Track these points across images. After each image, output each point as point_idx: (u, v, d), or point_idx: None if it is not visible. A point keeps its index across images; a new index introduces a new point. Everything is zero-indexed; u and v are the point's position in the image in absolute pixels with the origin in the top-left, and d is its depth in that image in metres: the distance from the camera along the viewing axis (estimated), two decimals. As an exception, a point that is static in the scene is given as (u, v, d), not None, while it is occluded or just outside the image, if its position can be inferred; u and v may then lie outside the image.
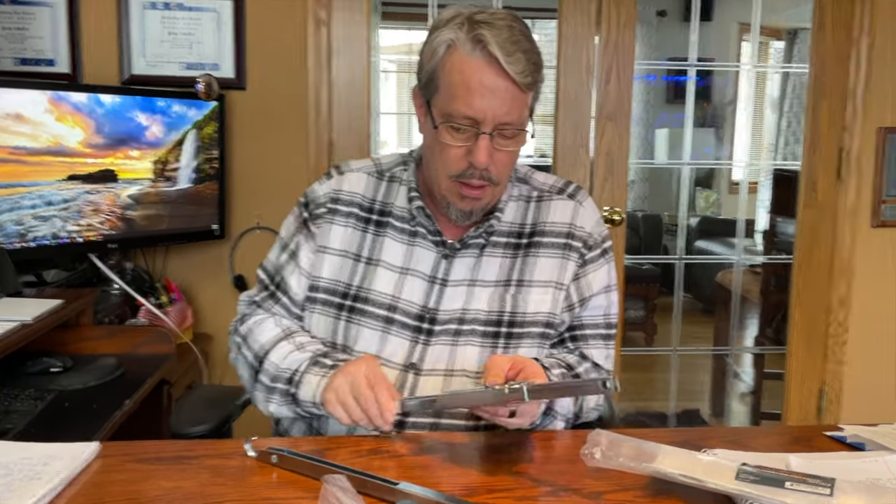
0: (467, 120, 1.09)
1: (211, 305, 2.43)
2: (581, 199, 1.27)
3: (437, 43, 1.10)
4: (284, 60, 2.35)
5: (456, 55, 1.08)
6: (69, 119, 1.95)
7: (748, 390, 3.34)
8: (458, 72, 1.08)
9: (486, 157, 1.10)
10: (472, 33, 1.07)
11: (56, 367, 1.72)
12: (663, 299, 4.34)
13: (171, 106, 2.17)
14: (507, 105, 1.08)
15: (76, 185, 1.98)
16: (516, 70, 1.06)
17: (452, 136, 1.11)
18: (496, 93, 1.07)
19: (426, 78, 1.14)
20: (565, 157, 2.48)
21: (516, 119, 1.10)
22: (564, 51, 2.43)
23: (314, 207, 1.26)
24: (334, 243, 1.24)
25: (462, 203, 1.16)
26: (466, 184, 1.13)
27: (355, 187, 1.27)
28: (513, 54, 1.06)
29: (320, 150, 2.37)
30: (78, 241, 2.01)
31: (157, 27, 2.30)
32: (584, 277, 1.24)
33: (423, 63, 1.14)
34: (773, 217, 3.41)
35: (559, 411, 1.16)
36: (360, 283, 1.21)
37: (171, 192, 2.21)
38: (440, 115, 1.12)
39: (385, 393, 1.02)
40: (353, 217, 1.25)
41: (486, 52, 1.06)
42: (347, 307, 1.21)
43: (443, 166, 1.14)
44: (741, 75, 6.02)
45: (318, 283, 1.23)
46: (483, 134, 1.09)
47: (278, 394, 1.15)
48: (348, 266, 1.22)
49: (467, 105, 1.08)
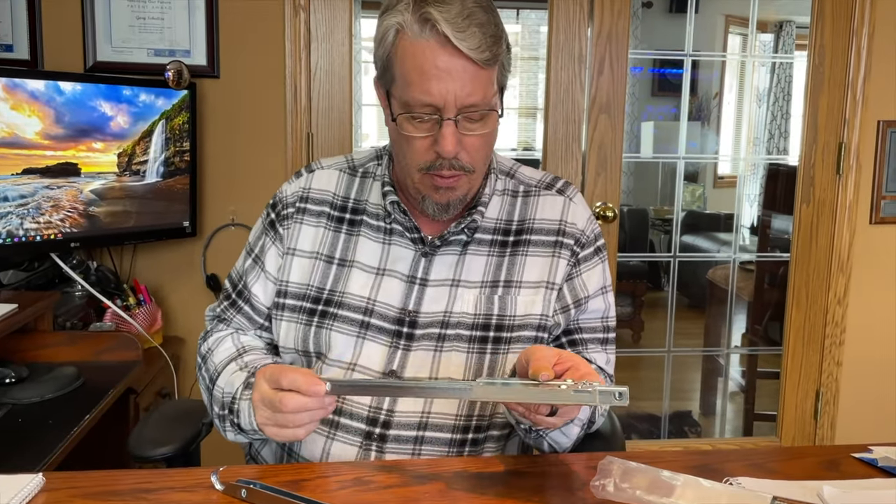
0: (427, 108, 0.99)
1: (182, 307, 2.30)
2: (571, 194, 1.18)
3: (385, 28, 1.00)
4: (260, 47, 2.22)
5: (405, 40, 0.98)
6: (25, 108, 1.80)
7: (740, 390, 3.27)
8: (409, 57, 0.98)
9: (454, 146, 1.00)
10: (419, 13, 0.97)
11: (10, 378, 1.58)
12: (650, 295, 4.27)
13: (139, 95, 2.03)
14: (469, 86, 0.98)
15: (34, 180, 1.84)
16: (471, 46, 0.96)
17: (415, 126, 1.02)
18: (453, 74, 0.97)
19: (381, 67, 1.04)
20: (556, 150, 2.38)
21: (480, 100, 1.00)
22: (556, 40, 2.33)
23: (282, 208, 1.17)
24: (304, 245, 1.14)
25: (437, 195, 1.06)
26: (438, 175, 1.03)
27: (326, 185, 1.17)
28: (465, 30, 0.96)
29: (298, 142, 2.25)
30: (36, 239, 1.86)
31: (125, 11, 2.16)
32: (579, 277, 1.14)
33: (375, 51, 1.04)
34: (766, 213, 3.33)
35: (580, 416, 1.05)
36: (332, 286, 1.12)
37: (139, 186, 2.07)
38: (399, 106, 1.02)
39: (292, 377, 0.92)
40: (325, 217, 1.16)
41: (436, 32, 0.96)
42: (319, 312, 1.11)
43: (411, 159, 1.04)
44: (728, 68, 5.96)
45: (287, 287, 1.14)
46: (447, 120, 0.99)
47: (228, 422, 1.05)
48: (320, 268, 1.13)
49: (424, 91, 0.98)
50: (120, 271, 2.23)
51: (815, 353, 2.54)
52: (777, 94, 5.82)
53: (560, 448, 1.08)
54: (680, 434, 2.88)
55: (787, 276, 2.56)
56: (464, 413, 1.09)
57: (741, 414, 3.19)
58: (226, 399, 1.05)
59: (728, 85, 5.93)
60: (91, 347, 1.78)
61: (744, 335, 3.48)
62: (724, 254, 3.67)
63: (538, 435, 1.03)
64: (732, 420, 3.21)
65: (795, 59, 5.93)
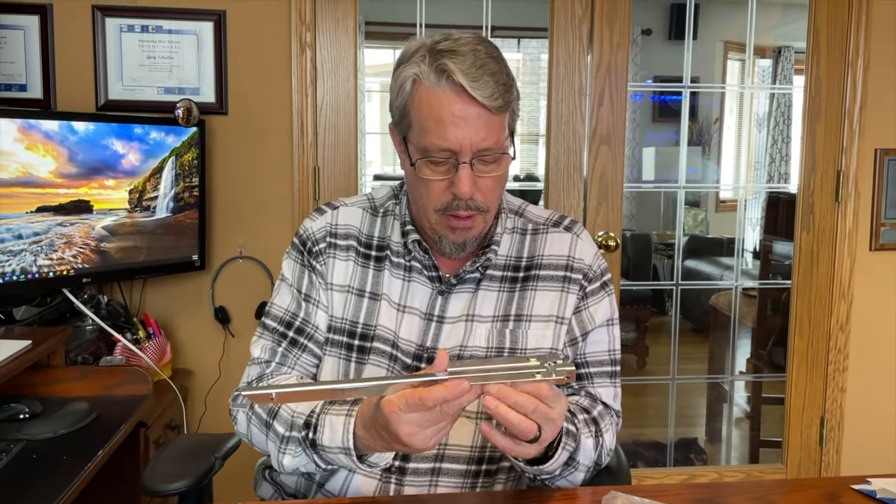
0: (444, 152, 1.04)
1: (191, 339, 2.33)
2: (578, 231, 1.23)
3: (403, 79, 1.06)
4: (267, 84, 2.27)
5: (422, 89, 1.04)
6: (40, 148, 1.85)
7: (745, 416, 3.27)
8: (426, 106, 1.04)
9: (469, 187, 1.05)
10: (435, 64, 1.02)
11: (24, 414, 1.61)
12: (654, 320, 4.29)
13: (149, 132, 2.08)
14: (483, 131, 1.04)
15: (47, 217, 1.88)
16: (484, 95, 1.02)
17: (432, 170, 1.07)
18: (468, 121, 1.03)
19: (398, 115, 1.09)
20: (557, 180, 2.42)
21: (494, 143, 1.05)
22: (556, 73, 2.37)
23: (312, 244, 1.20)
24: (338, 279, 1.18)
25: (454, 235, 1.11)
26: (454, 215, 1.08)
27: (352, 220, 1.21)
28: (479, 79, 1.01)
29: (305, 175, 2.29)
30: (49, 276, 1.90)
31: (135, 50, 2.21)
32: (587, 310, 1.19)
33: (393, 100, 1.10)
34: (768, 238, 3.36)
35: (581, 461, 1.07)
36: (366, 319, 1.16)
37: (149, 222, 2.11)
38: (417, 151, 1.07)
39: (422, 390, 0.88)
40: (353, 251, 1.19)
41: (452, 82, 1.02)
42: (357, 347, 1.15)
43: (427, 201, 1.09)
44: (727, 93, 6.02)
45: (331, 322, 1.17)
46: (462, 164, 1.04)
47: (294, 443, 1.04)
48: (352, 302, 1.17)
49: (441, 137, 1.03)
50: (130, 305, 2.26)
51: (818, 379, 2.55)
52: (777, 118, 5.87)
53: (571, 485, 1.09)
54: (686, 462, 2.89)
55: (789, 302, 2.59)
56: (478, 445, 1.12)
57: (747, 441, 3.19)
58: (297, 419, 1.04)
59: (728, 109, 5.98)
60: (103, 382, 1.80)
61: (748, 360, 3.49)
62: (727, 280, 3.69)
63: (543, 483, 1.06)
64: (738, 447, 3.21)
65: (794, 90, 5.97)
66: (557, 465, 1.01)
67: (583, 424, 1.08)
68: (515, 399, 0.87)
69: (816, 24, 2.43)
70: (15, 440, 1.51)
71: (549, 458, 0.99)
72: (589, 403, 1.16)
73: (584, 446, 1.05)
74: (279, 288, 1.22)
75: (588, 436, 1.08)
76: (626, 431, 3.11)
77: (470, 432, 1.12)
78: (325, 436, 1.00)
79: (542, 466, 0.99)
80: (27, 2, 2.15)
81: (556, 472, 1.03)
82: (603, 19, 2.36)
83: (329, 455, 1.01)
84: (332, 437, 1.00)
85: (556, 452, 0.99)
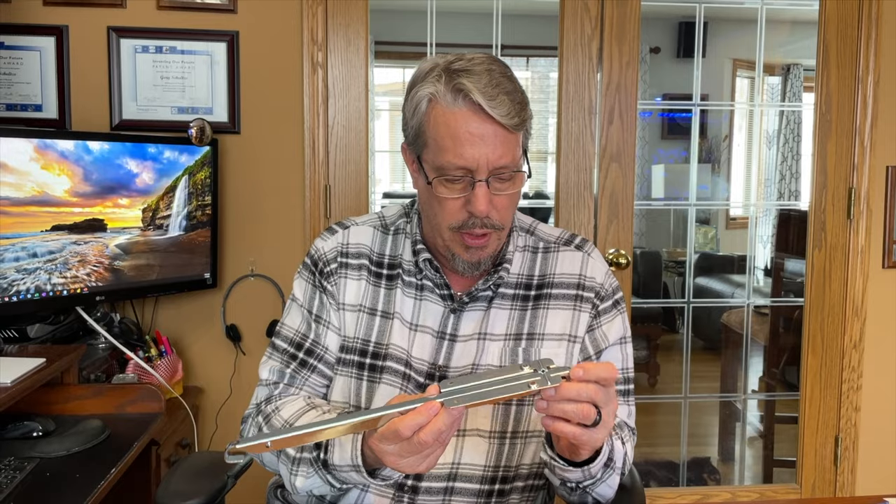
0: (460, 170, 1.05)
1: (202, 357, 2.33)
2: (589, 250, 1.23)
3: (418, 98, 1.07)
4: (279, 103, 2.29)
5: (438, 108, 1.05)
6: (55, 167, 1.87)
7: (758, 435, 3.24)
8: (443, 124, 1.04)
9: (486, 205, 1.06)
10: (452, 84, 1.03)
11: (37, 432, 1.62)
12: (665, 337, 4.26)
13: (163, 152, 2.10)
14: (499, 149, 1.04)
15: (62, 236, 1.90)
16: (501, 113, 1.02)
17: (448, 188, 1.07)
18: (485, 139, 1.03)
19: (413, 134, 1.10)
20: (568, 198, 2.42)
21: (510, 161, 1.06)
22: (566, 91, 2.39)
23: (323, 265, 1.20)
24: (349, 299, 1.18)
25: (468, 254, 1.11)
26: (469, 234, 1.08)
27: (363, 239, 1.21)
28: (495, 97, 1.02)
29: (316, 194, 2.30)
30: (63, 294, 1.91)
31: (149, 71, 2.24)
32: (599, 328, 1.18)
33: (408, 119, 1.10)
34: (780, 255, 3.35)
35: (618, 463, 1.05)
36: (378, 338, 1.15)
37: (162, 240, 2.12)
38: (432, 170, 1.07)
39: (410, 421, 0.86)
40: (365, 270, 1.19)
41: (469, 101, 1.03)
42: (368, 366, 1.14)
43: (442, 219, 1.09)
44: (736, 111, 6.03)
45: (343, 342, 1.17)
46: (479, 182, 1.05)
47: (305, 464, 1.04)
48: (364, 321, 1.17)
49: (458, 156, 1.04)
50: (142, 323, 2.27)
51: (832, 398, 2.53)
52: (787, 135, 5.86)
53: (604, 500, 1.08)
54: (699, 481, 2.86)
55: (801, 321, 2.57)
56: (491, 464, 1.11)
57: (760, 460, 3.16)
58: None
59: (738, 126, 5.98)
60: (115, 400, 1.81)
61: (760, 379, 3.46)
62: (738, 298, 3.67)
63: (584, 491, 1.04)
64: (752, 466, 3.18)
65: (804, 108, 5.98)
66: (599, 466, 1.00)
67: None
68: (577, 389, 0.85)
69: (826, 40, 2.44)
70: (28, 458, 1.52)
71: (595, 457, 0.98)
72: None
73: (616, 448, 1.05)
74: (290, 308, 1.22)
75: (617, 438, 1.08)
76: (638, 450, 3.06)
77: (484, 451, 1.11)
78: (336, 454, 1.00)
79: (590, 466, 0.97)
80: (44, 23, 2.18)
81: (599, 474, 1.01)
82: (612, 38, 2.38)
83: (341, 474, 1.01)
84: (342, 455, 1.00)
85: (602, 449, 0.97)
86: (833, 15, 2.43)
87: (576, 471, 0.99)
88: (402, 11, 3.60)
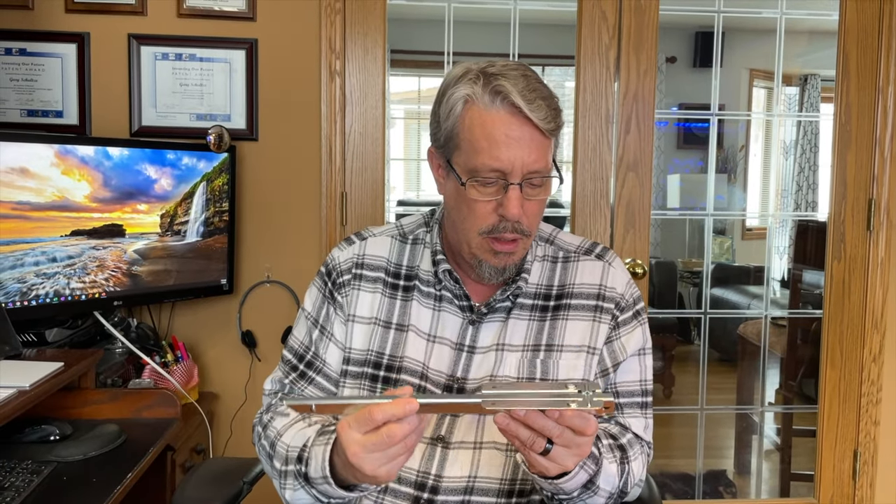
0: (494, 173, 1.04)
1: (217, 363, 2.34)
2: (610, 259, 1.21)
3: (454, 100, 1.06)
4: (297, 111, 2.30)
5: (475, 109, 1.04)
6: (75, 172, 1.88)
7: (775, 448, 3.20)
8: (479, 126, 1.04)
9: (518, 209, 1.05)
10: (490, 86, 1.03)
11: (55, 436, 1.62)
12: (680, 348, 4.23)
13: (182, 158, 2.11)
14: (535, 153, 1.04)
15: (81, 241, 1.91)
16: (540, 117, 1.02)
17: (479, 191, 1.06)
18: (522, 142, 1.03)
19: (444, 137, 1.09)
20: (584, 207, 2.41)
21: (543, 166, 1.06)
22: (583, 100, 2.38)
23: (337, 276, 1.19)
24: (363, 311, 1.17)
25: (495, 259, 1.09)
26: (498, 239, 1.07)
27: (380, 251, 1.21)
28: (534, 101, 1.02)
29: (332, 201, 2.31)
30: (82, 298, 1.93)
31: (169, 78, 2.26)
32: (618, 340, 1.17)
33: (440, 122, 1.09)
34: (797, 266, 3.32)
35: (602, 486, 1.04)
36: (392, 350, 1.15)
37: (179, 246, 2.13)
38: (465, 172, 1.06)
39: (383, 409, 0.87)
40: (380, 282, 1.18)
41: (508, 103, 1.02)
42: (382, 378, 1.14)
43: (472, 223, 1.08)
44: (753, 121, 6.00)
45: (350, 354, 1.16)
46: (512, 185, 1.04)
47: (291, 477, 1.04)
48: (378, 334, 1.16)
49: (493, 158, 1.03)
50: (158, 328, 2.28)
51: (851, 411, 2.50)
52: (804, 145, 5.82)
53: None
54: (715, 494, 2.83)
55: (819, 332, 2.54)
56: (508, 477, 1.10)
57: (777, 473, 3.12)
58: (291, 453, 1.04)
59: (754, 136, 5.95)
60: (132, 405, 1.81)
61: (777, 391, 3.42)
62: (755, 308, 3.64)
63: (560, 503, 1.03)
64: (769, 480, 3.14)
65: (821, 118, 5.94)
66: (575, 486, 0.99)
67: (606, 449, 1.06)
68: (541, 423, 0.87)
69: (846, 49, 2.42)
70: (46, 462, 1.52)
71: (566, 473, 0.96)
72: (618, 431, 1.14)
73: (605, 471, 1.03)
74: (299, 318, 1.23)
75: (612, 461, 1.06)
76: (654, 462, 3.05)
77: (500, 464, 1.10)
78: (311, 467, 1.00)
79: (558, 481, 0.96)
80: (65, 30, 2.21)
81: (575, 493, 1.00)
82: (630, 47, 2.37)
83: (318, 486, 1.00)
84: (316, 467, 0.99)
85: (573, 469, 0.96)
86: (853, 24, 2.41)
87: (543, 481, 0.98)
88: (418, 20, 3.61)
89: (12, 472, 1.46)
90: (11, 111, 2.20)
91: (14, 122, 2.20)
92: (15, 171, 1.77)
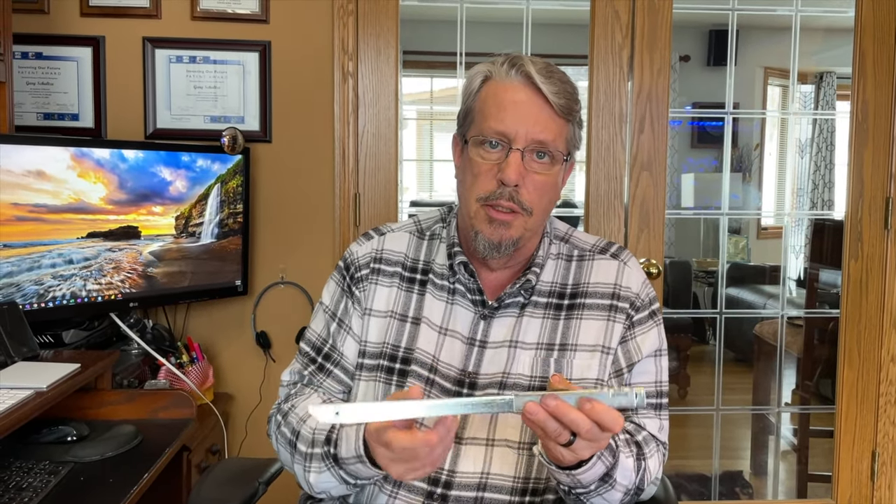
0: (498, 135, 1.07)
1: (232, 364, 2.35)
2: (625, 258, 1.20)
3: (473, 77, 1.12)
4: (310, 113, 2.31)
5: (491, 83, 1.09)
6: (91, 175, 1.90)
7: (792, 449, 3.18)
8: (492, 95, 1.08)
9: (517, 174, 1.06)
10: (510, 62, 1.08)
11: (72, 437, 1.63)
12: (695, 349, 4.21)
13: (196, 160, 2.12)
14: (541, 123, 1.06)
15: (97, 243, 1.93)
16: (550, 90, 1.05)
17: (482, 154, 1.09)
18: (530, 111, 1.06)
19: (463, 114, 1.14)
20: (598, 207, 2.40)
21: (550, 140, 1.07)
22: (596, 99, 2.37)
23: (355, 270, 1.21)
24: (379, 305, 1.18)
25: (490, 229, 1.09)
26: (494, 206, 1.08)
27: (398, 246, 1.22)
28: (548, 77, 1.06)
29: (346, 202, 2.31)
30: (98, 300, 1.94)
31: (183, 80, 2.27)
32: (633, 340, 1.16)
33: (463, 102, 1.14)
34: (814, 265, 3.29)
35: (619, 480, 1.03)
36: (406, 343, 1.15)
37: (194, 247, 2.14)
38: (471, 137, 1.10)
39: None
40: (398, 277, 1.19)
41: (523, 73, 1.07)
42: (398, 370, 1.14)
43: (472, 190, 1.10)
44: (768, 119, 5.95)
45: (366, 347, 1.17)
46: (514, 150, 1.06)
47: (317, 460, 1.05)
48: (394, 327, 1.17)
49: (499, 121, 1.06)
50: (174, 329, 2.29)
51: (869, 412, 2.47)
52: (819, 144, 5.78)
53: None
54: (731, 495, 2.81)
55: (836, 332, 2.52)
56: (521, 475, 1.10)
57: (794, 474, 3.10)
58: (318, 436, 1.05)
59: (769, 135, 5.91)
60: (148, 405, 1.82)
61: (794, 391, 3.40)
62: (771, 308, 3.61)
63: (577, 498, 1.02)
64: (785, 481, 3.12)
65: (837, 116, 5.89)
66: (592, 478, 0.98)
67: (623, 444, 1.05)
68: (572, 417, 0.86)
69: (862, 47, 2.40)
70: (63, 462, 1.53)
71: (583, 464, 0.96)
72: (634, 428, 1.14)
73: (622, 465, 1.02)
74: (317, 311, 1.24)
75: (628, 455, 1.05)
76: (669, 463, 3.03)
77: (513, 462, 1.10)
78: (343, 447, 1.00)
79: (575, 472, 0.96)
80: (81, 34, 2.22)
81: (592, 486, 1.00)
82: (644, 46, 2.36)
83: (349, 466, 1.01)
84: (348, 447, 1.00)
85: (591, 460, 0.96)
86: (869, 21, 2.39)
87: (561, 473, 0.98)
88: (430, 21, 3.62)
89: (30, 472, 1.47)
90: (28, 114, 2.22)
91: (31, 126, 2.22)
92: (32, 174, 1.79)
